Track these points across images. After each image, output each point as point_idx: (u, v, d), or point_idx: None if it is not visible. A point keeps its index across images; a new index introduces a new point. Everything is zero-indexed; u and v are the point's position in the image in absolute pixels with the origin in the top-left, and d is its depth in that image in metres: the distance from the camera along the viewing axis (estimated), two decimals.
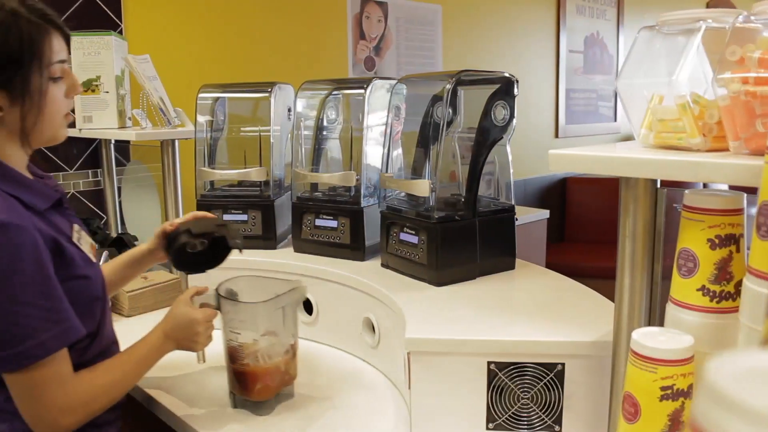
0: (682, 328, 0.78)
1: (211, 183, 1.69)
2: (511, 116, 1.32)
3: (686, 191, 0.79)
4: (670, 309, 0.80)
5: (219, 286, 1.15)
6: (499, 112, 1.31)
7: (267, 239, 1.58)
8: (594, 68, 3.83)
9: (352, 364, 1.37)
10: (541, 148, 3.55)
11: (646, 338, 0.74)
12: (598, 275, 2.36)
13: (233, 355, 1.12)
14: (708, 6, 4.61)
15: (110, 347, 1.05)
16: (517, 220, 1.39)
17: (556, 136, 3.63)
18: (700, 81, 0.82)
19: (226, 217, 1.61)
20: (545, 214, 3.02)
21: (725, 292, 0.76)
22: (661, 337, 0.75)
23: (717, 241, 0.76)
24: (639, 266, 0.88)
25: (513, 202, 1.38)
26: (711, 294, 0.76)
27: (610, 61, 3.93)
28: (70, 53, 0.97)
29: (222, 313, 1.12)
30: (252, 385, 1.12)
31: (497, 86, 1.31)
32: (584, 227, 3.70)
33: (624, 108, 0.87)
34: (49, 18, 0.90)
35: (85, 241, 1.01)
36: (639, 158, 0.78)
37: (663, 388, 0.72)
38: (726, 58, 0.72)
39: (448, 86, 1.26)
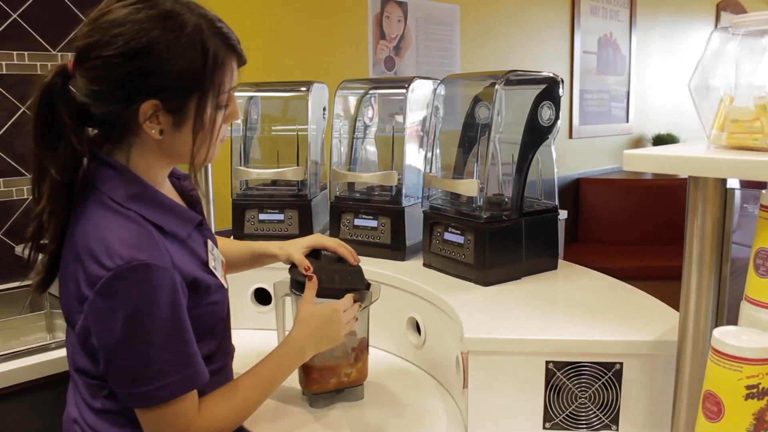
0: (760, 328, 0.78)
1: (245, 182, 1.68)
2: (556, 117, 1.33)
3: (764, 191, 0.80)
4: (746, 308, 0.81)
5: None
6: (545, 113, 1.31)
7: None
8: (607, 69, 3.84)
9: (397, 364, 1.37)
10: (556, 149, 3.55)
11: (729, 337, 0.74)
12: (613, 276, 2.36)
13: None
14: (718, 7, 4.63)
15: (228, 364, 1.03)
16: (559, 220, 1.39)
17: (570, 136, 3.64)
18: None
19: (262, 216, 1.61)
20: (563, 214, 3.02)
21: None
22: (743, 336, 0.75)
23: None
24: (707, 266, 0.89)
25: (556, 203, 1.39)
26: None
27: (622, 62, 3.94)
28: None
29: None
30: (307, 377, 1.15)
31: (543, 86, 1.31)
32: (598, 228, 3.71)
33: (696, 108, 0.87)
34: (232, 44, 0.87)
35: (218, 261, 0.98)
36: (723, 159, 0.78)
37: (748, 387, 0.72)
38: None
39: (498, 86, 1.26)
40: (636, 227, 3.63)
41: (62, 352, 1.36)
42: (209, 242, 0.97)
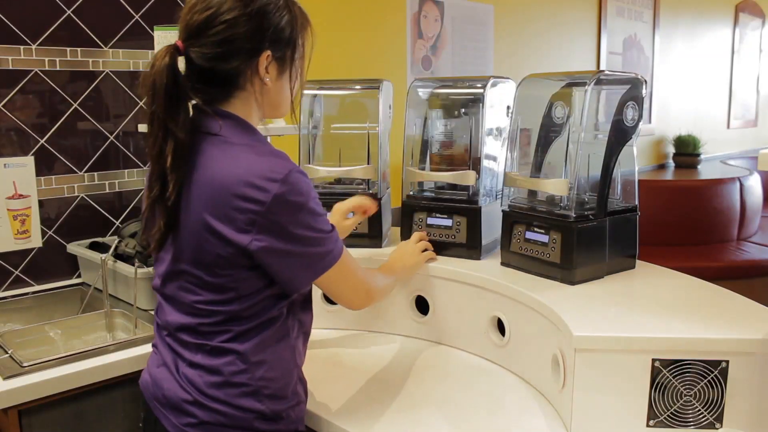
0: None
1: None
2: (640, 117, 1.34)
3: None
4: None
5: None
6: (629, 113, 1.32)
7: (373, 237, 1.58)
8: (631, 70, 3.86)
9: (480, 365, 1.36)
10: None
11: None
12: None
13: None
14: (737, 8, 4.66)
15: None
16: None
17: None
18: None
19: None
20: None
21: None
22: None
23: None
24: None
25: (636, 202, 1.39)
26: None
27: (646, 63, 3.96)
28: None
29: None
30: None
31: (627, 87, 1.32)
32: None
33: None
34: (306, 15, 1.06)
35: None
36: None
37: None
38: None
39: (588, 87, 1.26)
40: (660, 228, 3.65)
41: (130, 353, 1.35)
42: None
